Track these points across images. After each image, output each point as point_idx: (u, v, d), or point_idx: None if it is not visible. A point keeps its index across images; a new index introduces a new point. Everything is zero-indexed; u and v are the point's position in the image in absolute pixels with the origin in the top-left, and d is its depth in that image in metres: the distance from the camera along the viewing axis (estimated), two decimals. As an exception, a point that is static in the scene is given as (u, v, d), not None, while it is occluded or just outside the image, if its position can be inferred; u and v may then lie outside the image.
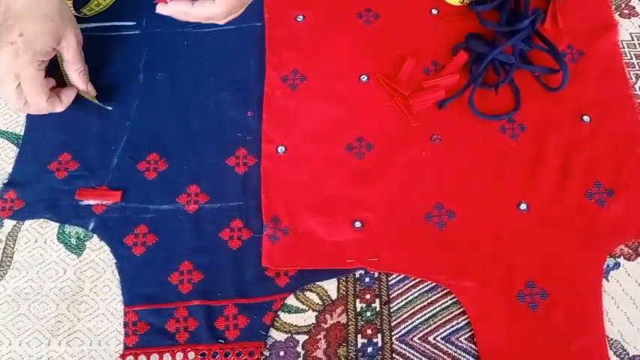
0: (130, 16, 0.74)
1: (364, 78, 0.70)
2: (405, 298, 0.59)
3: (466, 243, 0.61)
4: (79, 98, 0.66)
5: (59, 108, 0.63)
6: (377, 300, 0.59)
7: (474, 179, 0.64)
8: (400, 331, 0.58)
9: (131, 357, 0.57)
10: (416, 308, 0.59)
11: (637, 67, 0.71)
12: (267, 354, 0.57)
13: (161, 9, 0.55)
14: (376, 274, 0.61)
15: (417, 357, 0.57)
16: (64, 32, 0.60)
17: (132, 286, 0.60)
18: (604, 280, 0.60)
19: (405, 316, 0.59)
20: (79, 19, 0.68)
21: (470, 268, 0.60)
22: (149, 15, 0.73)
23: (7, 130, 0.68)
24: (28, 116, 0.68)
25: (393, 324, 0.58)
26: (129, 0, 0.74)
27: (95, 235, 0.62)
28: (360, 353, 0.57)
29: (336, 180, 0.64)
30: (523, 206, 0.62)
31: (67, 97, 0.64)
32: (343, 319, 0.59)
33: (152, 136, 0.67)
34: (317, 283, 0.60)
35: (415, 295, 0.60)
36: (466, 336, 0.58)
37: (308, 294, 0.60)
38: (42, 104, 0.61)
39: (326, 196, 0.63)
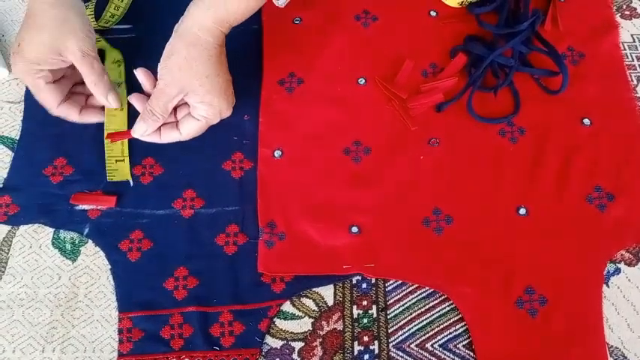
0: (125, 20, 0.73)
1: (362, 81, 0.69)
2: (403, 305, 0.59)
3: (464, 248, 0.60)
4: None
5: (73, 118, 0.63)
6: (374, 306, 0.59)
7: (472, 184, 0.63)
8: (397, 338, 0.57)
9: (125, 364, 0.57)
10: (413, 315, 0.58)
11: (638, 69, 0.70)
12: (263, 361, 0.57)
13: (141, 132, 0.61)
14: (373, 280, 0.60)
15: (415, 364, 0.56)
16: (63, 44, 0.59)
17: (127, 292, 0.59)
18: (604, 285, 0.59)
19: (402, 322, 0.58)
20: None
21: (468, 274, 0.59)
22: (145, 18, 0.73)
23: (3, 134, 0.68)
24: (24, 121, 0.68)
25: (390, 331, 0.58)
26: (125, 3, 0.73)
27: (90, 241, 0.62)
28: (357, 360, 0.57)
29: (333, 184, 0.64)
30: (522, 211, 0.62)
31: (88, 115, 0.63)
32: (340, 326, 0.58)
33: (148, 140, 0.66)
34: (313, 289, 0.60)
35: (413, 301, 0.59)
36: (464, 343, 0.57)
37: (304, 300, 0.59)
38: (53, 111, 0.62)
39: (323, 201, 0.63)
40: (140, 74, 0.62)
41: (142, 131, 0.60)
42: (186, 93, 0.59)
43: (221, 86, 0.60)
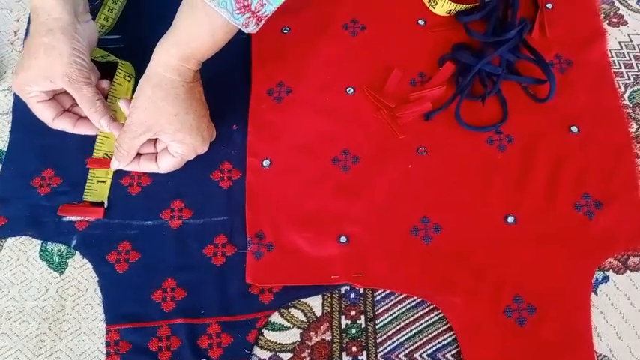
0: (114, 30, 0.73)
1: (350, 90, 0.69)
2: (391, 314, 0.59)
3: (452, 257, 0.60)
4: None
5: (69, 130, 0.64)
6: (362, 316, 0.59)
7: (460, 192, 0.63)
8: (386, 348, 0.57)
9: (113, 377, 0.56)
10: (402, 324, 0.58)
11: (626, 77, 0.70)
12: (251, 372, 0.57)
13: (115, 166, 0.63)
14: (362, 290, 0.60)
15: (403, 374, 0.56)
16: (51, 70, 0.60)
17: (114, 304, 0.59)
18: (593, 294, 0.59)
19: (390, 332, 0.58)
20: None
21: (456, 283, 0.59)
22: (133, 28, 0.73)
23: (-10, 145, 0.68)
24: (12, 132, 0.68)
25: (378, 341, 0.58)
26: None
27: (77, 253, 0.62)
28: (346, 371, 0.56)
29: (321, 194, 0.63)
30: (510, 219, 0.62)
31: (82, 128, 0.64)
32: (328, 337, 0.58)
33: (136, 150, 0.66)
34: (302, 299, 0.60)
35: (401, 311, 0.59)
36: (452, 352, 0.57)
37: (292, 311, 0.59)
38: (49, 125, 0.64)
39: (311, 211, 0.63)
40: (123, 105, 0.62)
41: (115, 165, 0.62)
42: (155, 132, 0.59)
43: (192, 124, 0.60)
